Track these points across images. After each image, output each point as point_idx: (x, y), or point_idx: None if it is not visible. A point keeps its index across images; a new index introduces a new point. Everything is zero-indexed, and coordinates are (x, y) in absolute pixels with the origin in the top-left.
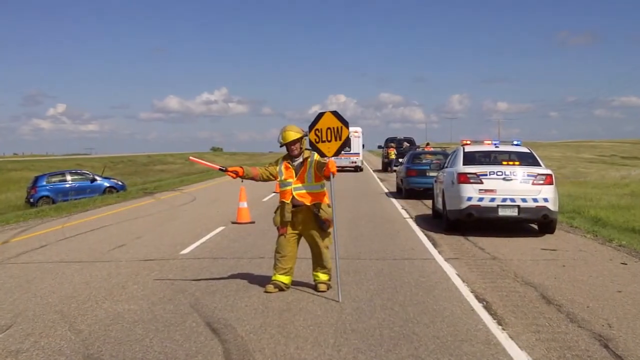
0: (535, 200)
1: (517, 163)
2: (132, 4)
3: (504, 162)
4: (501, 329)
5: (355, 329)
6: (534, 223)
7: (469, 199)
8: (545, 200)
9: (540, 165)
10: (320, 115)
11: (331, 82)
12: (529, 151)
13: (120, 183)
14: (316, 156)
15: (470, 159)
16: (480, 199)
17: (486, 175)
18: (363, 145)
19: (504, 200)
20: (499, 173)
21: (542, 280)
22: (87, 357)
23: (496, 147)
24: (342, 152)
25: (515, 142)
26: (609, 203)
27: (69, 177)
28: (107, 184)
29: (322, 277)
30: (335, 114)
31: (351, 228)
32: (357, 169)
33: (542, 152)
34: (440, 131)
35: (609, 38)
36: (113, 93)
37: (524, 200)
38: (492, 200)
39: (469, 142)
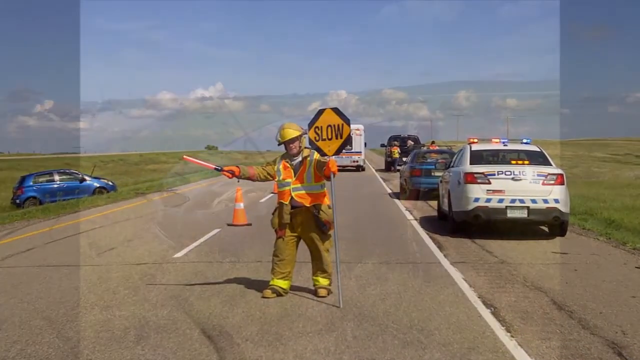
0: (545, 201)
1: (526, 162)
2: None
3: (513, 162)
4: (510, 336)
5: (357, 336)
6: (544, 225)
7: (476, 199)
8: (556, 201)
9: (550, 165)
10: (321, 112)
11: (332, 78)
12: (539, 150)
13: (110, 183)
14: (316, 155)
15: (477, 158)
16: (488, 200)
17: (494, 175)
18: (365, 144)
19: (513, 201)
20: (507, 173)
21: (553, 285)
22: None
23: (505, 145)
24: (343, 150)
25: (524, 140)
26: (623, 204)
27: (57, 177)
28: (96, 184)
29: (323, 281)
30: (336, 110)
31: (353, 230)
32: (359, 168)
33: (552, 150)
34: (446, 129)
35: (624, 32)
36: (103, 89)
37: (533, 201)
38: (501, 201)
39: (476, 141)
